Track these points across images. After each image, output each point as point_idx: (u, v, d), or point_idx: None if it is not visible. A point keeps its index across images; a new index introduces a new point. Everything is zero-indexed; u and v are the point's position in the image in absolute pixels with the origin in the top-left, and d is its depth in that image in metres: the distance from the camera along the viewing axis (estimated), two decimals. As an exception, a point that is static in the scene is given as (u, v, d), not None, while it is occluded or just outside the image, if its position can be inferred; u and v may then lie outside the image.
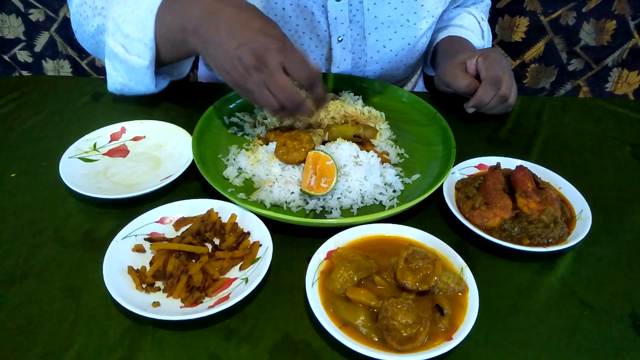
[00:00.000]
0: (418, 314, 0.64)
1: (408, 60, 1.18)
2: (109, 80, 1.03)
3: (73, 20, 1.07)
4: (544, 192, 0.82)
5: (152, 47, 0.92)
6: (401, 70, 1.22)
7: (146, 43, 0.92)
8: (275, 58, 0.79)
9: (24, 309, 0.69)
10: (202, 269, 0.71)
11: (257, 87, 0.81)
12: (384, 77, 1.21)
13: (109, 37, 0.96)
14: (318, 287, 0.69)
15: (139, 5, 0.91)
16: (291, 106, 0.82)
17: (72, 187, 0.84)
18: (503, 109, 1.06)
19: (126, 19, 0.92)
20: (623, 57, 1.84)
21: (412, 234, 0.76)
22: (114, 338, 0.65)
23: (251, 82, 0.81)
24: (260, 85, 0.80)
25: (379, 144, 0.95)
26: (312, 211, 0.83)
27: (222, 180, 0.88)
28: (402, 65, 1.18)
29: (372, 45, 1.12)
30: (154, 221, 0.79)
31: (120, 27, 0.93)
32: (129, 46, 0.94)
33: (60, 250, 0.77)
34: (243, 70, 0.80)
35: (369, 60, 1.14)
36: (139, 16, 0.91)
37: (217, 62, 0.83)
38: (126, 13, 0.92)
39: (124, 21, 0.92)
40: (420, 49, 1.19)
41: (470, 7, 1.33)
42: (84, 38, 1.06)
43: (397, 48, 1.15)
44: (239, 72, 0.80)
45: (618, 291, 0.73)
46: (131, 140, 0.99)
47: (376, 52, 1.14)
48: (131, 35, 0.92)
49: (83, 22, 1.02)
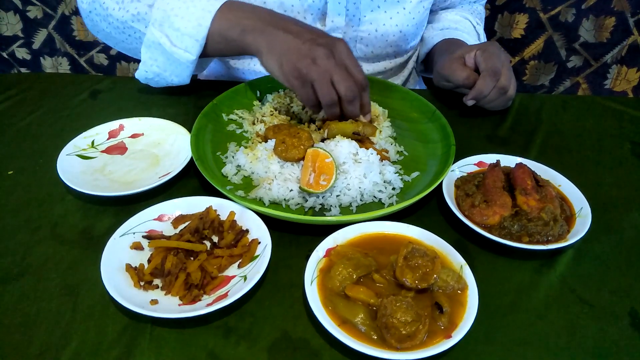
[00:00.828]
0: (417, 311, 0.63)
1: (403, 26, 1.16)
2: (141, 68, 1.05)
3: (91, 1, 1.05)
4: (543, 190, 0.82)
5: (202, 44, 0.96)
6: (397, 38, 1.19)
7: (197, 39, 0.96)
8: (341, 54, 0.87)
9: (21, 306, 0.68)
10: (201, 267, 0.71)
11: (321, 76, 0.86)
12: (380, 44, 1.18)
13: (154, 27, 0.98)
14: (317, 284, 0.68)
15: (194, 4, 0.95)
16: (350, 95, 0.87)
17: (69, 184, 0.84)
18: (503, 102, 1.06)
19: (179, 13, 0.95)
20: (622, 54, 1.84)
21: (412, 232, 0.76)
22: (111, 336, 0.65)
23: (316, 70, 0.86)
24: (324, 73, 0.86)
25: (378, 142, 0.95)
26: (311, 209, 0.82)
27: (221, 177, 0.88)
28: (398, 32, 1.17)
29: (366, 4, 1.12)
30: (152, 219, 0.79)
31: (171, 19, 0.96)
32: (176, 39, 0.97)
33: (57, 248, 0.77)
34: (310, 60, 0.86)
35: (362, 19, 1.14)
36: (194, 13, 0.95)
37: (284, 55, 0.88)
38: (180, 8, 0.95)
39: (176, 15, 0.95)
40: (417, 18, 1.18)
41: (466, 13, 1.32)
42: (107, 22, 1.05)
43: (391, 10, 1.14)
44: (306, 60, 0.86)
45: (617, 289, 0.73)
46: (129, 137, 0.99)
47: (370, 11, 1.13)
48: (182, 30, 0.95)
49: (112, 6, 1.02)
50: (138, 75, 1.07)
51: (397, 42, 1.19)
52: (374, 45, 1.18)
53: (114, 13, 1.02)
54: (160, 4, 0.97)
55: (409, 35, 1.20)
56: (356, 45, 1.19)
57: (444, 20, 1.31)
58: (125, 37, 1.05)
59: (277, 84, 1.12)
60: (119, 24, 1.03)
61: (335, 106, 0.89)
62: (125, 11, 1.01)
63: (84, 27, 1.98)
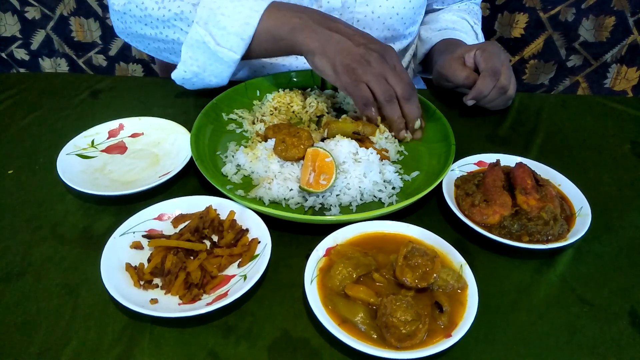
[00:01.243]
0: (417, 311, 0.63)
1: (400, 8, 1.16)
2: (180, 67, 1.04)
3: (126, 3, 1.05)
4: (543, 189, 0.82)
5: (247, 43, 0.98)
6: (394, 21, 1.18)
7: (243, 38, 0.97)
8: (392, 58, 0.92)
9: (22, 306, 0.68)
10: (201, 266, 0.71)
11: (376, 77, 0.90)
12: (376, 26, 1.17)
13: (198, 25, 0.98)
14: (317, 284, 0.68)
15: (242, 3, 0.96)
16: (407, 94, 0.92)
17: (69, 184, 0.84)
18: (503, 101, 1.06)
19: (226, 12, 0.96)
20: (622, 53, 1.84)
21: (412, 231, 0.76)
22: (111, 335, 0.65)
23: (371, 72, 0.90)
24: (379, 74, 0.90)
25: (378, 141, 0.95)
26: (311, 208, 0.82)
27: (221, 177, 0.88)
28: (395, 14, 1.16)
29: None
30: (152, 218, 0.79)
31: (217, 18, 0.96)
32: (221, 38, 0.97)
33: (57, 248, 0.77)
34: (365, 61, 0.90)
35: (355, 22, 1.14)
36: (241, 12, 0.96)
37: (336, 57, 0.91)
38: (227, 7, 0.96)
39: (222, 14, 0.96)
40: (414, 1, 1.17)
41: (463, 13, 1.33)
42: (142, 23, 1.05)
43: (384, 15, 1.14)
44: (361, 63, 0.90)
45: (617, 288, 0.73)
46: (129, 137, 0.99)
47: (364, 16, 1.13)
48: (228, 28, 0.96)
49: (152, 6, 1.02)
50: (175, 75, 1.06)
51: (394, 25, 1.19)
52: (371, 28, 1.17)
53: (153, 13, 1.02)
54: (207, 3, 0.97)
55: (406, 18, 1.19)
56: None
57: (441, 20, 1.31)
58: (163, 37, 1.04)
59: (277, 84, 1.12)
60: (158, 23, 1.03)
61: (394, 103, 0.92)
62: (167, 10, 1.01)
63: (83, 28, 1.98)
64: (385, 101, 0.92)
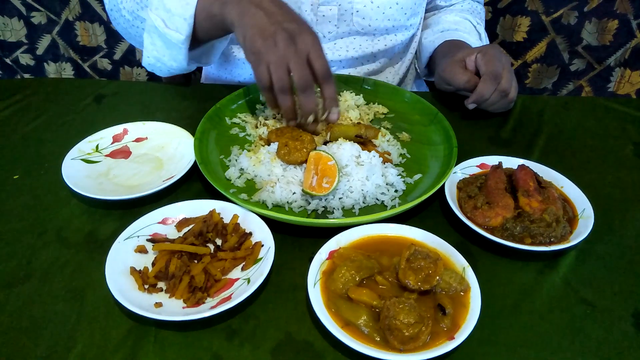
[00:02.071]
0: (420, 313, 0.64)
1: (396, 21, 1.16)
2: (144, 54, 1.08)
3: None
4: (546, 191, 0.82)
5: (190, 24, 0.97)
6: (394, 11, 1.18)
7: (185, 18, 0.96)
8: (304, 42, 0.84)
9: (27, 310, 0.69)
10: (204, 270, 0.71)
11: (279, 58, 0.84)
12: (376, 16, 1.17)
13: (151, 11, 1.00)
14: (320, 287, 0.69)
15: None
16: (302, 87, 0.85)
17: (74, 188, 0.84)
18: (504, 104, 1.06)
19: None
20: (625, 57, 1.84)
21: (414, 234, 0.76)
22: (116, 339, 0.65)
23: (275, 53, 0.84)
24: (282, 58, 0.84)
25: (380, 144, 0.95)
26: (314, 211, 0.83)
27: (224, 181, 0.89)
28: (394, 4, 1.16)
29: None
30: (156, 222, 0.79)
31: (164, 2, 0.97)
32: (169, 21, 0.98)
33: (63, 252, 0.77)
34: (272, 41, 0.84)
35: (355, 13, 1.14)
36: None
37: (248, 30, 0.87)
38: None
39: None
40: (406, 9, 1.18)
41: (465, 13, 1.33)
42: (122, 16, 1.10)
43: (384, 4, 1.14)
44: (267, 41, 0.84)
45: (620, 290, 0.73)
46: (133, 141, 1.00)
47: (363, 6, 1.14)
48: (172, 10, 0.97)
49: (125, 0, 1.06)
50: (143, 62, 1.11)
51: (395, 15, 1.18)
52: (371, 18, 1.17)
53: (126, 5, 1.06)
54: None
55: (406, 8, 1.19)
56: (353, 19, 1.18)
57: (443, 22, 1.31)
58: (135, 29, 1.08)
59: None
60: (129, 16, 1.07)
61: (286, 93, 0.86)
62: (133, 2, 1.04)
63: (88, 32, 1.99)
64: (278, 89, 0.86)
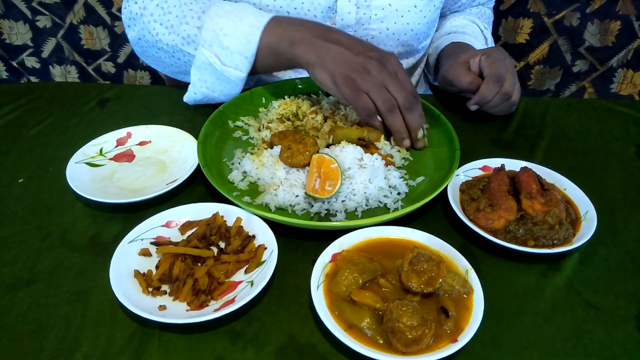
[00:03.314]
0: (423, 316, 0.64)
1: (415, 25, 1.16)
2: (190, 90, 1.07)
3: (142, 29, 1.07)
4: (548, 194, 0.82)
5: (251, 62, 0.98)
6: (408, 37, 1.18)
7: (247, 56, 0.97)
8: (393, 65, 0.90)
9: (32, 313, 0.69)
10: (208, 273, 0.72)
11: (377, 85, 0.88)
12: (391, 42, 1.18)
13: (204, 47, 0.99)
14: (323, 289, 0.69)
15: (242, 21, 0.97)
16: (408, 104, 0.90)
17: (78, 192, 0.85)
18: (506, 107, 1.06)
19: (228, 32, 0.97)
20: (628, 58, 1.83)
21: (417, 236, 0.76)
22: (120, 341, 0.66)
23: (371, 80, 0.88)
24: (380, 84, 0.88)
25: (383, 147, 0.95)
26: (316, 214, 0.83)
27: (227, 184, 0.89)
28: (409, 30, 1.16)
29: (377, 2, 1.12)
30: (159, 225, 0.80)
31: (220, 39, 0.97)
32: (226, 58, 0.98)
33: (67, 255, 0.78)
34: (364, 71, 0.88)
35: (374, 17, 1.13)
36: (243, 31, 0.96)
37: (336, 68, 0.90)
38: (228, 27, 0.97)
39: (225, 34, 0.97)
40: (428, 17, 1.18)
41: (474, 17, 1.33)
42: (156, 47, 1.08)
43: (403, 8, 1.14)
44: (360, 73, 0.88)
45: (624, 292, 0.73)
46: (137, 145, 1.00)
47: (381, 9, 1.13)
48: (231, 48, 0.97)
49: (161, 31, 1.04)
50: (187, 98, 1.09)
51: (409, 41, 1.19)
52: (385, 45, 1.18)
53: (164, 38, 1.04)
54: (210, 25, 0.98)
55: (420, 34, 1.20)
56: None
57: (450, 25, 1.31)
58: (175, 60, 1.07)
59: (282, 91, 1.13)
60: (168, 48, 1.05)
61: (396, 112, 0.91)
62: (175, 35, 1.02)
63: (92, 36, 2.01)
64: (387, 111, 0.90)
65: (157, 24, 1.04)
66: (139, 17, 1.07)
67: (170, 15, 1.03)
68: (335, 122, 1.00)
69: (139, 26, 1.08)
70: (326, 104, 1.06)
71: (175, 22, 1.02)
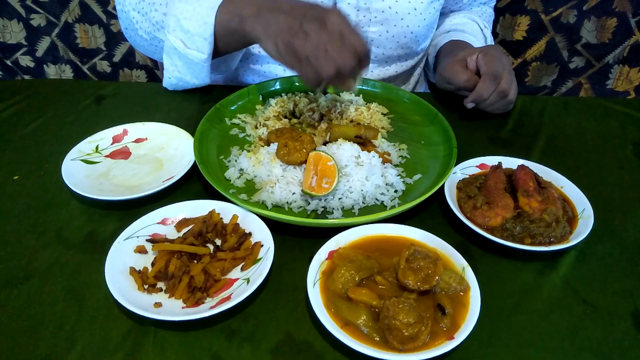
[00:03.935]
0: (420, 313, 0.64)
1: (415, 27, 1.16)
2: (166, 75, 1.11)
3: (125, 18, 1.13)
4: (545, 192, 0.82)
5: (211, 42, 0.99)
6: (408, 39, 1.18)
7: (205, 37, 0.98)
8: (334, 22, 0.83)
9: (27, 310, 0.69)
10: (204, 270, 0.71)
11: (316, 49, 0.82)
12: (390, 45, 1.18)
13: (169, 33, 1.01)
14: (319, 287, 0.69)
15: (200, 3, 0.97)
16: (347, 69, 0.83)
17: (74, 189, 0.85)
18: (503, 105, 1.06)
19: (187, 15, 0.98)
20: (624, 54, 1.84)
21: (414, 234, 0.76)
22: (116, 339, 0.65)
23: (310, 46, 0.83)
24: (319, 47, 0.82)
25: (380, 145, 0.95)
26: (313, 211, 0.83)
27: (224, 181, 0.89)
28: (409, 33, 1.16)
29: (377, 5, 1.12)
30: (155, 222, 0.79)
31: (181, 23, 0.99)
32: (189, 41, 1.00)
33: (62, 252, 0.77)
34: (302, 34, 0.83)
35: (373, 19, 1.13)
36: (200, 13, 0.97)
37: (278, 36, 0.86)
38: (187, 10, 0.98)
39: (185, 18, 0.98)
40: (428, 19, 1.18)
41: (474, 15, 1.32)
42: (138, 35, 1.12)
43: (402, 11, 1.13)
44: (299, 37, 0.83)
45: (620, 290, 0.73)
46: (133, 142, 1.00)
47: (381, 12, 1.13)
48: (191, 31, 0.98)
49: (139, 19, 1.08)
50: (165, 84, 1.14)
51: (408, 43, 1.19)
52: (385, 47, 1.18)
53: (141, 25, 1.08)
54: (172, 10, 1.00)
55: (420, 37, 1.20)
56: None
57: (450, 23, 1.31)
58: (154, 47, 1.11)
59: (279, 88, 1.13)
60: (146, 35, 1.09)
61: (338, 79, 0.85)
62: (148, 22, 1.06)
63: (87, 34, 2.00)
64: (328, 80, 0.85)
65: (135, 12, 1.08)
66: (123, 6, 1.11)
67: (144, 3, 1.06)
68: (332, 119, 1.00)
69: (124, 15, 1.12)
70: (323, 101, 1.06)
71: (147, 8, 1.06)
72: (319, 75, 0.84)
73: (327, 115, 1.02)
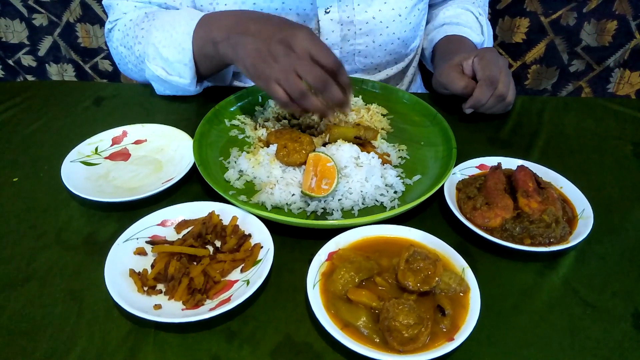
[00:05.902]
0: (419, 314, 0.63)
1: (401, 33, 1.16)
2: (158, 92, 1.14)
3: (115, 54, 1.16)
4: (545, 192, 0.82)
5: (191, 67, 1.01)
6: (396, 46, 1.18)
7: (185, 63, 1.00)
8: (301, 44, 0.82)
9: (26, 312, 0.69)
10: (204, 272, 0.71)
11: (285, 72, 0.82)
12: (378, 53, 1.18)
13: (149, 62, 1.04)
14: (319, 288, 0.69)
15: (176, 30, 0.99)
16: (320, 86, 0.82)
17: (73, 190, 0.84)
18: (502, 108, 1.06)
19: (165, 43, 1.00)
20: (625, 58, 1.83)
21: (413, 235, 0.76)
22: (115, 341, 0.65)
23: (279, 69, 0.82)
24: (288, 70, 0.82)
25: (379, 145, 0.95)
26: (313, 213, 0.83)
27: (223, 182, 0.89)
28: (396, 39, 1.16)
29: (361, 17, 1.11)
30: (155, 224, 0.79)
31: (160, 51, 1.00)
32: (169, 68, 1.03)
33: (62, 254, 0.77)
34: (271, 59, 0.83)
35: (358, 32, 1.13)
36: (176, 40, 0.99)
37: (247, 60, 0.87)
38: (165, 38, 1.00)
39: (163, 46, 1.00)
40: (413, 22, 1.17)
41: (467, 4, 1.30)
42: (129, 68, 1.15)
43: (387, 19, 1.13)
44: (267, 61, 0.84)
45: (620, 290, 0.73)
46: (133, 143, 1.00)
47: (365, 23, 1.12)
48: (170, 58, 1.00)
49: (127, 54, 1.11)
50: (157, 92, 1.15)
51: (397, 49, 1.20)
52: (373, 56, 1.18)
53: (130, 59, 1.11)
54: (150, 39, 1.02)
55: (408, 40, 1.20)
56: (355, 59, 1.19)
57: (444, 16, 1.29)
58: (142, 75, 1.12)
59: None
60: (135, 68, 1.11)
61: (306, 97, 0.83)
62: (134, 56, 1.09)
63: (89, 34, 2.00)
64: (298, 99, 0.84)
65: (122, 47, 1.11)
66: (109, 40, 1.17)
67: (128, 38, 1.08)
68: (331, 120, 1.00)
69: (114, 52, 1.16)
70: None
71: (132, 42, 1.08)
72: (288, 96, 0.84)
73: None
